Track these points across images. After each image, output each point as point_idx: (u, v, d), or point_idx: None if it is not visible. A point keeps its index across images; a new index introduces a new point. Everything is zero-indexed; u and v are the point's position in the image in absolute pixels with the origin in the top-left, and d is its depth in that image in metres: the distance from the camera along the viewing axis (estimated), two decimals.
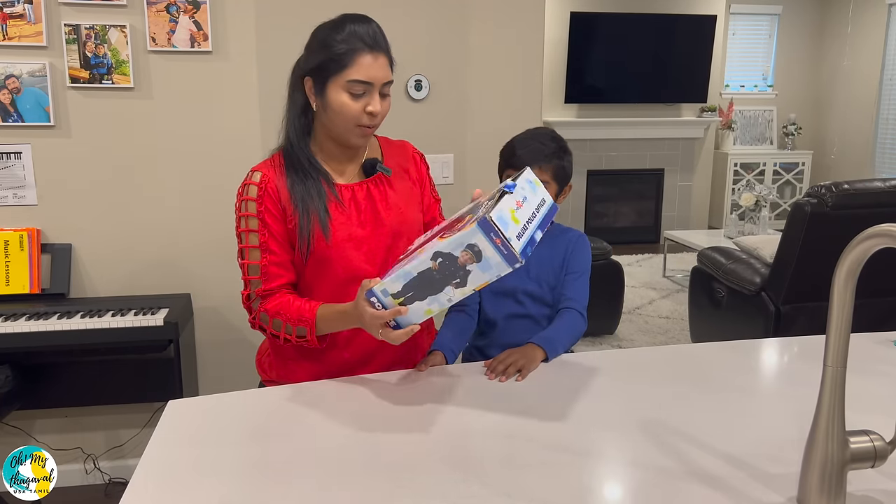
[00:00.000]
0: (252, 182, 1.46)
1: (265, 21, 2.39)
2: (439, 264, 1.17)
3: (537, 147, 1.62)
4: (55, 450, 2.50)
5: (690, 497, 0.99)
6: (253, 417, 1.25)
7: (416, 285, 1.19)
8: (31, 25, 2.25)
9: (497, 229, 1.12)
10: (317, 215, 1.42)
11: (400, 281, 1.20)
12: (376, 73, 1.39)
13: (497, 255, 1.13)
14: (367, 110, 1.40)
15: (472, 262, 1.15)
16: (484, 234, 1.12)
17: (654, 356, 1.58)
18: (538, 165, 1.59)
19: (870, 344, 1.62)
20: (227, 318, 2.55)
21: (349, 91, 1.38)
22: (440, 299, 1.20)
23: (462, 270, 1.16)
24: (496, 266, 1.14)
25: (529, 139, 1.65)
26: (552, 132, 1.68)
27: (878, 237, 0.87)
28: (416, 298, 1.20)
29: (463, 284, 1.17)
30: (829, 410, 0.93)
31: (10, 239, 2.31)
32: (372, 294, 1.23)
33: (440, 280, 1.18)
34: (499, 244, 1.12)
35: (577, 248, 1.70)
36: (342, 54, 1.37)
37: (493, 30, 2.56)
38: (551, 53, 6.11)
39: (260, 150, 2.42)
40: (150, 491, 1.02)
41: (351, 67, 1.37)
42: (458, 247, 1.14)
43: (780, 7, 6.96)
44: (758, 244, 3.49)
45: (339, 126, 1.42)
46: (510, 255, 1.12)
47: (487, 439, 1.17)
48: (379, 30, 1.42)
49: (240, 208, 1.46)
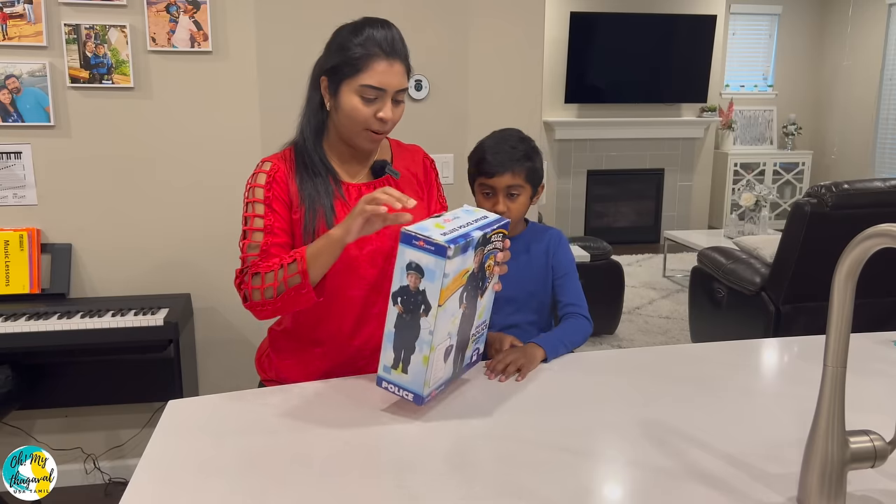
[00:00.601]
0: (262, 171, 1.46)
1: (265, 21, 2.40)
2: (402, 302, 1.18)
3: (507, 151, 1.60)
4: (55, 450, 2.50)
5: (690, 497, 0.99)
6: (253, 417, 1.25)
7: (401, 339, 1.20)
8: (31, 25, 2.25)
9: (415, 234, 1.14)
10: (322, 213, 1.43)
11: (389, 345, 1.22)
12: (390, 79, 1.39)
13: (428, 255, 1.14)
14: (378, 116, 1.40)
15: (419, 279, 1.16)
16: (407, 245, 1.15)
17: (654, 356, 1.58)
18: (510, 171, 1.59)
19: (870, 344, 1.62)
20: (227, 318, 2.55)
21: (361, 95, 1.38)
22: (423, 339, 1.19)
23: (420, 295, 1.17)
24: (435, 267, 1.14)
25: (499, 143, 1.63)
26: (519, 133, 1.67)
27: (878, 237, 0.87)
28: (409, 353, 1.20)
29: (428, 308, 1.17)
30: (829, 410, 0.93)
31: (10, 239, 2.31)
32: (379, 381, 1.24)
33: (410, 319, 1.19)
34: (422, 245, 1.14)
35: (559, 246, 1.70)
36: (357, 58, 1.37)
37: (493, 30, 2.56)
38: (551, 53, 6.11)
39: (260, 150, 2.42)
40: (150, 491, 1.02)
41: (365, 72, 1.37)
42: (401, 275, 1.17)
43: (780, 7, 6.96)
44: (758, 244, 3.49)
45: (348, 128, 1.43)
46: (437, 247, 1.13)
47: (487, 439, 1.16)
48: (398, 36, 1.42)
49: (248, 195, 1.46)
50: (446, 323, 1.21)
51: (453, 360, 1.29)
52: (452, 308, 1.21)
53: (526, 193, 1.63)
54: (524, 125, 2.29)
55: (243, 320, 2.54)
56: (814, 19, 7.08)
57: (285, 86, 2.42)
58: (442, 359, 1.24)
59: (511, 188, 1.61)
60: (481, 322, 1.36)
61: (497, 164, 1.59)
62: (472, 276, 1.25)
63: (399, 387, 1.22)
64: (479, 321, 1.35)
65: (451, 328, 1.24)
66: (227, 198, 2.45)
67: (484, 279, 1.31)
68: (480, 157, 1.63)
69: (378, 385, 1.25)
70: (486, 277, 1.32)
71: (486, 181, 1.62)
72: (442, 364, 1.25)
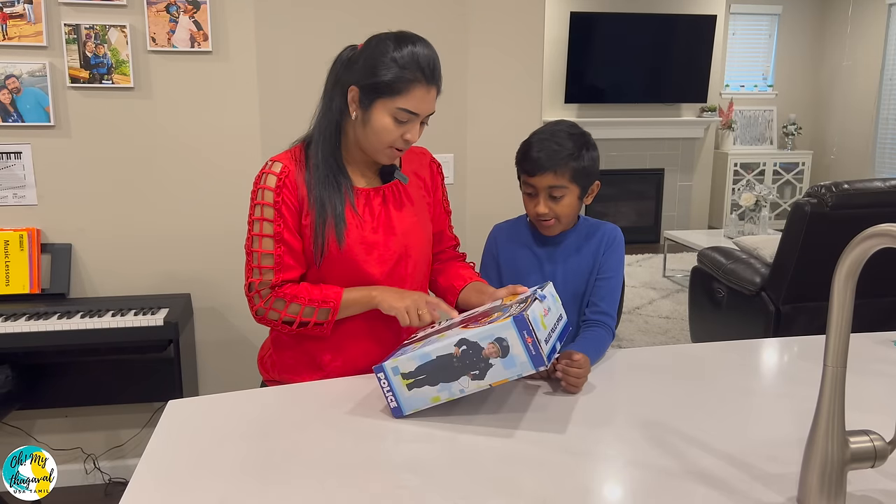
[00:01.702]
0: (272, 172, 1.44)
1: (265, 21, 2.39)
2: (462, 352, 1.17)
3: (552, 149, 1.49)
4: (55, 450, 2.50)
5: (690, 497, 0.99)
6: (253, 417, 1.25)
7: (432, 369, 1.19)
8: (31, 25, 2.25)
9: (531, 328, 1.13)
10: (333, 220, 1.42)
11: (415, 361, 1.20)
12: (427, 106, 1.40)
13: (525, 353, 1.14)
14: (405, 137, 1.40)
15: (497, 356, 1.15)
16: (517, 330, 1.13)
17: (654, 356, 1.58)
18: (552, 170, 1.49)
19: (870, 344, 1.62)
20: (227, 318, 2.55)
21: (395, 117, 1.38)
22: (452, 388, 1.19)
23: (484, 362, 1.16)
24: (520, 365, 1.14)
25: (545, 139, 1.51)
26: (570, 127, 1.53)
27: (878, 237, 0.87)
28: (427, 383, 1.20)
29: (480, 378, 1.17)
30: (829, 410, 0.93)
31: (10, 239, 2.31)
32: (381, 369, 1.22)
33: (458, 368, 1.18)
34: (530, 343, 1.13)
35: (612, 246, 1.58)
36: (398, 81, 1.36)
37: (493, 30, 2.56)
38: (551, 53, 6.11)
39: (260, 150, 2.42)
40: (150, 491, 1.02)
41: (403, 96, 1.36)
42: (487, 338, 1.15)
43: (780, 7, 6.96)
44: (758, 244, 3.49)
45: (372, 143, 1.42)
46: (538, 356, 1.13)
47: (487, 439, 1.16)
48: (437, 59, 1.40)
49: (255, 196, 1.44)
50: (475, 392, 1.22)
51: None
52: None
53: (572, 194, 1.52)
54: (524, 125, 2.30)
55: (243, 320, 2.54)
56: (814, 19, 7.08)
57: (285, 86, 2.42)
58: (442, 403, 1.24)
59: (553, 189, 1.51)
60: None
61: (538, 162, 1.49)
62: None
63: (392, 390, 1.22)
64: None
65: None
66: (228, 198, 2.45)
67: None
68: (524, 153, 1.53)
69: (374, 371, 1.23)
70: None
71: (528, 179, 1.53)
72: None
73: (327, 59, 1.49)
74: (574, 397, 1.32)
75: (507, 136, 2.64)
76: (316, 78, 1.53)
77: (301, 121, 1.54)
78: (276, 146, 1.54)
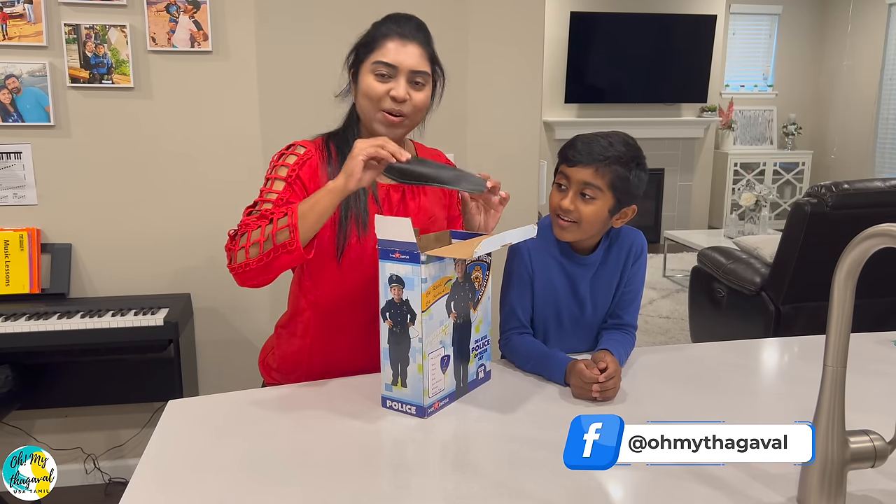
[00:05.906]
0: (294, 153, 1.44)
1: (265, 21, 2.39)
2: (389, 317, 1.22)
3: (602, 146, 1.38)
4: (55, 450, 2.50)
5: (690, 497, 0.99)
6: (253, 417, 1.25)
7: (395, 354, 1.23)
8: (31, 25, 2.25)
9: (390, 247, 1.19)
10: (354, 211, 1.42)
11: (386, 365, 1.25)
12: (403, 58, 1.40)
13: (405, 264, 1.18)
14: (391, 94, 1.39)
15: (401, 289, 1.20)
16: (385, 259, 1.20)
17: (654, 356, 1.58)
18: (593, 166, 1.37)
19: (870, 344, 1.62)
20: (227, 318, 2.55)
21: (375, 73, 1.40)
22: (414, 346, 1.21)
23: (403, 305, 1.20)
24: (413, 274, 1.18)
25: (600, 138, 1.41)
26: (627, 137, 1.43)
27: (878, 237, 0.87)
28: (405, 366, 1.23)
29: (413, 316, 1.20)
30: (829, 410, 0.93)
31: (10, 239, 2.31)
32: (385, 400, 1.27)
33: (400, 331, 1.22)
34: (398, 256, 1.19)
35: (640, 259, 1.52)
36: (372, 39, 1.42)
37: (493, 30, 2.56)
38: (551, 53, 6.11)
39: (260, 150, 2.42)
40: (150, 491, 1.02)
41: (378, 50, 1.40)
42: (385, 290, 1.21)
43: (780, 7, 6.96)
44: (758, 244, 3.49)
45: (367, 112, 1.43)
46: (411, 254, 1.17)
47: (487, 439, 1.16)
48: (417, 22, 1.45)
49: (270, 171, 1.43)
50: (436, 331, 1.22)
51: (454, 372, 1.29)
52: (440, 316, 1.23)
53: (604, 201, 1.39)
54: (524, 125, 2.29)
55: (243, 320, 2.54)
56: (814, 19, 7.08)
57: (285, 85, 2.42)
58: (439, 368, 1.24)
59: (587, 186, 1.38)
60: (481, 337, 1.36)
61: (582, 152, 1.39)
62: (456, 286, 1.26)
63: (402, 402, 1.24)
64: (479, 335, 1.35)
65: (443, 337, 1.25)
66: (228, 197, 2.45)
67: (475, 291, 1.32)
68: (571, 142, 1.44)
69: (383, 405, 1.26)
70: (476, 289, 1.32)
71: (565, 169, 1.42)
72: (440, 374, 1.25)
73: (327, 59, 1.49)
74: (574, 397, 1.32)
75: (507, 136, 2.64)
76: (316, 77, 1.54)
77: (301, 120, 1.54)
78: (276, 146, 1.54)
